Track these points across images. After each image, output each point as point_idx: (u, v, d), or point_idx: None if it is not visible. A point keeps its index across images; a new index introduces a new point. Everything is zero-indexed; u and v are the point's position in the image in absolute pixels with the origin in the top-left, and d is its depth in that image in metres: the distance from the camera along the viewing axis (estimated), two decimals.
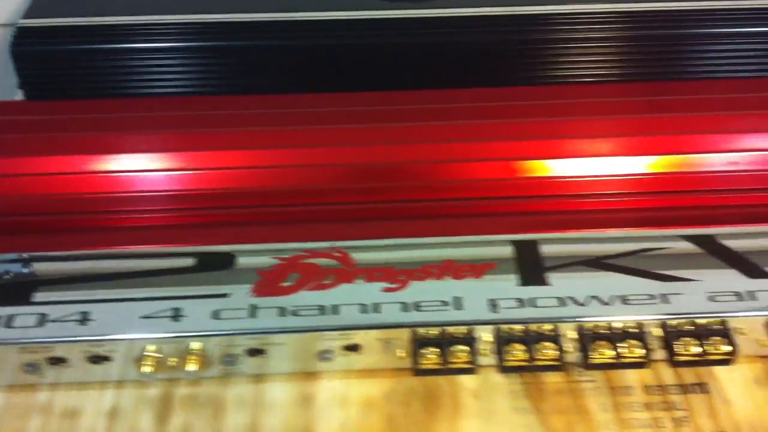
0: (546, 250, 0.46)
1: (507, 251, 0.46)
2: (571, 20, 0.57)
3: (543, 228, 0.47)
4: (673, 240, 0.46)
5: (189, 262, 0.45)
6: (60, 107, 0.54)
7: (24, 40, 0.55)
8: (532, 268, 0.45)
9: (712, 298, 0.43)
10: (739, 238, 0.46)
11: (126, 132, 0.50)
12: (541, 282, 0.44)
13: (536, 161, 0.50)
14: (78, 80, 0.56)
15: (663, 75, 0.57)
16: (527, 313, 0.43)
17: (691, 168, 0.49)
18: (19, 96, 0.57)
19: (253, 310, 0.42)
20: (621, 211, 0.48)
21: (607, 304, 0.43)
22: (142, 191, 0.48)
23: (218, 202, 0.48)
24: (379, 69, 0.57)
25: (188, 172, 0.47)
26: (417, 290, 0.44)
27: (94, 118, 0.52)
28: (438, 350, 0.42)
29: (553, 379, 0.44)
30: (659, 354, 0.43)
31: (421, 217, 0.48)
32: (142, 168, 0.48)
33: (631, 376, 0.44)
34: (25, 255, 0.46)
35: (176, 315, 0.42)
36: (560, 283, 0.44)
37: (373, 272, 0.45)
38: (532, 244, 0.46)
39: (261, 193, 0.48)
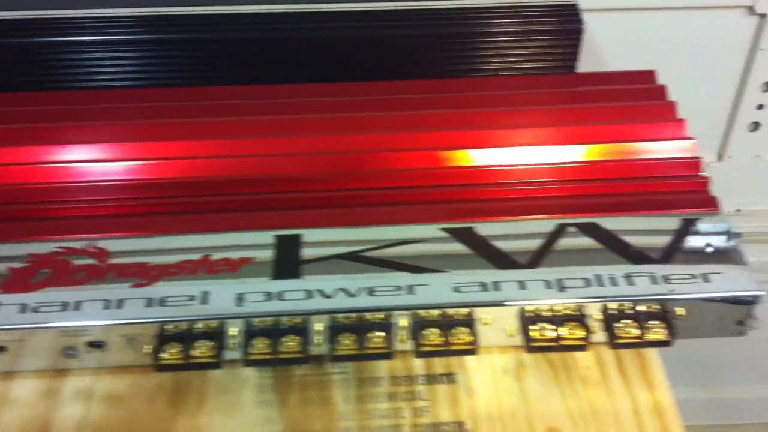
0: (307, 244, 0.46)
1: (268, 246, 0.46)
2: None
3: (304, 223, 0.47)
4: (432, 233, 0.47)
5: None
6: None
7: None
8: (289, 262, 0.45)
9: (456, 289, 0.43)
10: (496, 230, 0.46)
11: None
12: (295, 276, 0.44)
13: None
14: None
15: None
16: (273, 306, 0.43)
17: (460, 162, 0.50)
18: None
19: None
20: (377, 205, 0.48)
21: (353, 296, 0.43)
22: None
23: None
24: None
25: None
26: (167, 286, 0.44)
27: None
28: (180, 346, 0.42)
29: (304, 371, 0.45)
30: (407, 345, 0.44)
31: (186, 212, 0.48)
32: None
33: (383, 367, 0.45)
34: None
35: None
36: (312, 276, 0.44)
37: (126, 268, 0.45)
38: (295, 239, 0.46)
39: (23, 191, 0.48)
